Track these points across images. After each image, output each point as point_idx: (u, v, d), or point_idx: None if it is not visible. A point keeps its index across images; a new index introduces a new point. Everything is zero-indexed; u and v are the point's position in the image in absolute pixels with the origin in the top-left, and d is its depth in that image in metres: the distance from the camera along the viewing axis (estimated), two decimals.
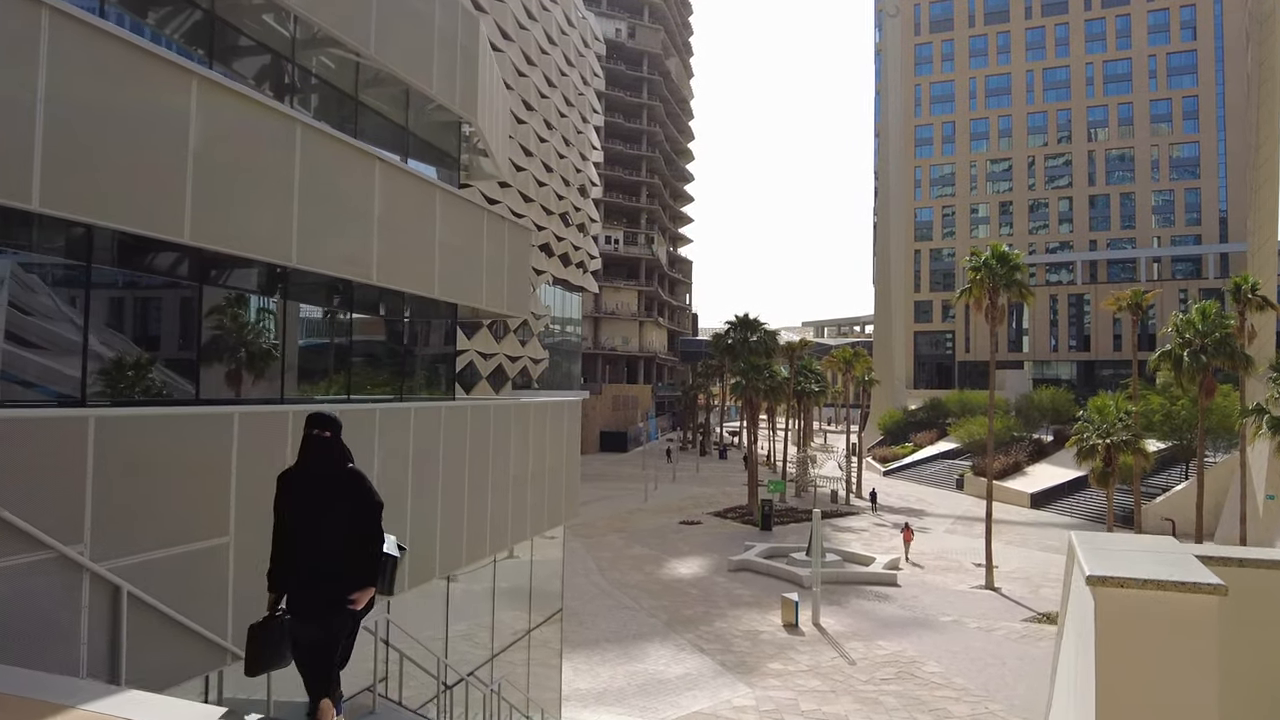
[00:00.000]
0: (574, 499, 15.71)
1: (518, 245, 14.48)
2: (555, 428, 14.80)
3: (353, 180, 10.02)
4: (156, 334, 8.86)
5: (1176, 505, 46.96)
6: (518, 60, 69.01)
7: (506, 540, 12.96)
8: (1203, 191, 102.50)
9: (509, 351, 68.06)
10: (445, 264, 11.98)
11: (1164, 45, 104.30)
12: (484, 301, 13.18)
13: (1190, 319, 30.62)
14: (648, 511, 51.53)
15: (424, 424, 10.64)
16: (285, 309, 10.45)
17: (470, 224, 12.93)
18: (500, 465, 12.69)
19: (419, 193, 11.50)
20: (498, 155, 16.28)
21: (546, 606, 16.48)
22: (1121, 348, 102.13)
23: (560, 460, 14.95)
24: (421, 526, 10.55)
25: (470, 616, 13.77)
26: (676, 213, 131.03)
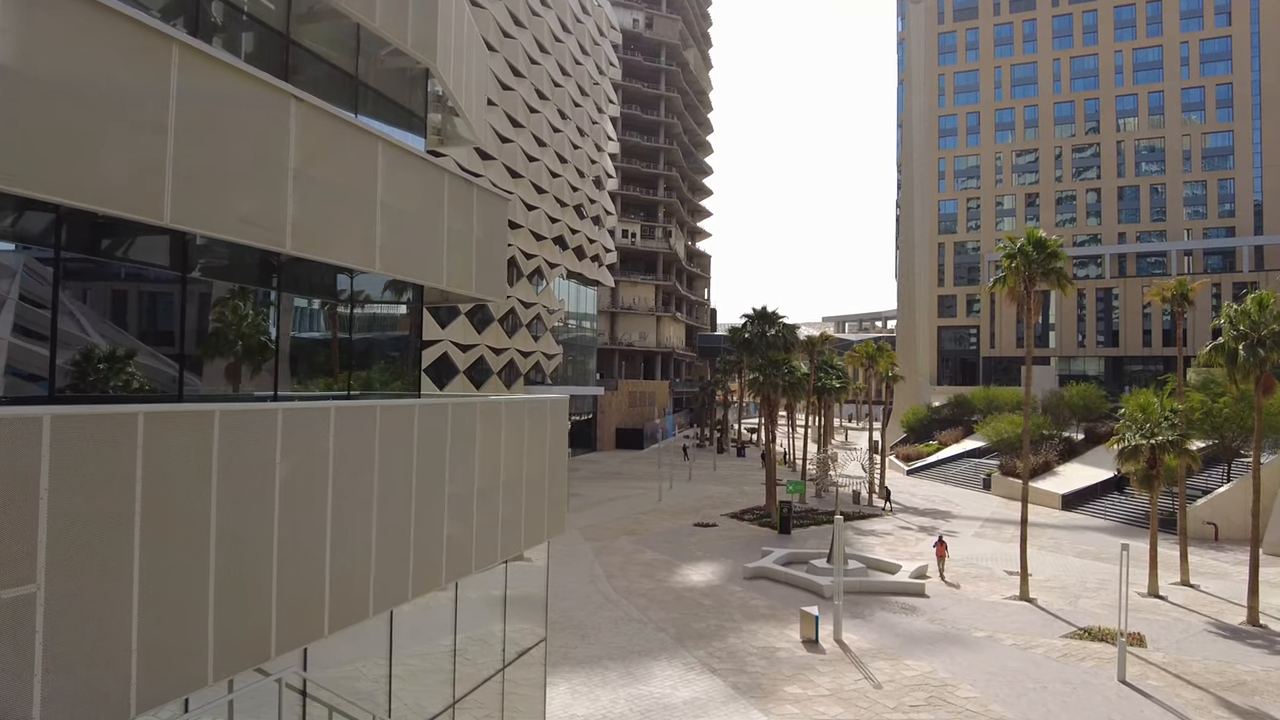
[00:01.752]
0: (559, 512, 13.65)
1: (490, 217, 12.47)
2: (536, 430, 12.78)
3: (256, 121, 8.03)
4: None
5: (1219, 508, 44.40)
6: (530, 48, 67.11)
7: (470, 564, 10.94)
8: (1237, 182, 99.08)
9: (521, 346, 66.29)
10: (390, 232, 9.99)
11: (1197, 31, 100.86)
12: (445, 281, 11.18)
13: (1246, 309, 28.20)
14: (661, 512, 49.50)
15: (351, 426, 8.63)
16: (184, 285, 8.52)
17: (426, 187, 10.92)
18: (462, 474, 10.69)
19: (353, 143, 9.49)
20: (473, 116, 14.26)
21: (525, 635, 14.43)
22: (1151, 344, 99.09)
23: (541, 467, 12.93)
24: (348, 553, 8.55)
25: (425, 651, 11.81)
26: (695, 206, 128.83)
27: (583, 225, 78.97)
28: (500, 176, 60.81)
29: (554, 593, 30.46)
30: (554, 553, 37.06)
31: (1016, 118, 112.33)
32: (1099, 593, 32.40)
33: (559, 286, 76.24)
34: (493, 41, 60.33)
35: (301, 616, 8.04)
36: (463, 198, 11.66)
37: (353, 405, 8.94)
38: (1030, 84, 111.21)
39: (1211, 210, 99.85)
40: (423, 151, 10.43)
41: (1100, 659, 24.06)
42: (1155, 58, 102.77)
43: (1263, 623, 28.35)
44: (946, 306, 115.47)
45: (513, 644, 13.74)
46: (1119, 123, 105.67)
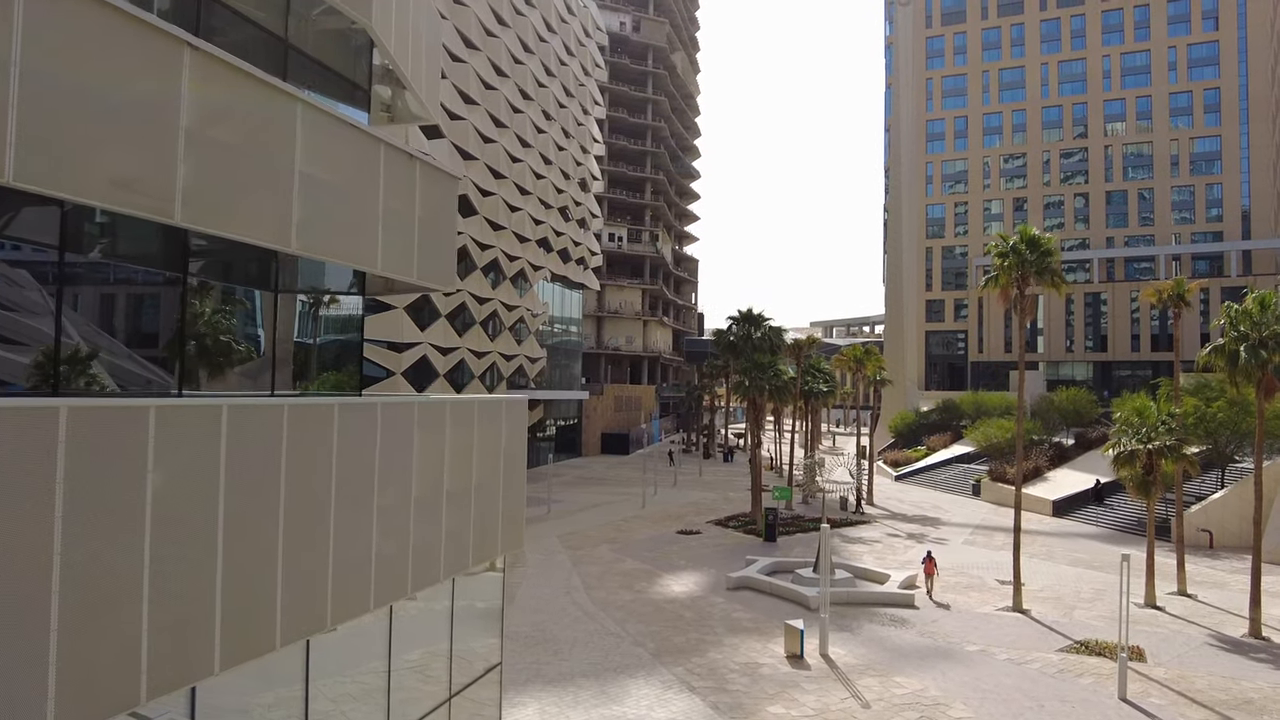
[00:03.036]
0: (516, 525, 12.41)
1: (436, 196, 11.24)
2: (488, 433, 11.55)
3: (135, 65, 6.80)
4: None
5: (1213, 515, 43.47)
6: (513, 47, 65.94)
7: (405, 585, 9.68)
8: (1225, 187, 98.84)
9: (503, 350, 64.96)
10: (312, 207, 8.75)
11: (1184, 36, 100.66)
12: (380, 264, 9.94)
13: (1246, 309, 27.20)
14: (644, 519, 48.25)
15: (249, 428, 7.38)
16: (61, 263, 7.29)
17: (358, 158, 9.69)
18: (396, 483, 9.44)
19: (264, 102, 8.24)
20: (424, 89, 13.03)
21: (477, 660, 13.17)
22: (1140, 348, 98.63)
23: (494, 475, 11.69)
24: (243, 578, 7.30)
25: (353, 676, 10.55)
26: (682, 210, 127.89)
27: (568, 228, 77.78)
28: (483, 177, 59.59)
29: (528, 605, 29.25)
30: (531, 562, 35.90)
31: (1004, 122, 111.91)
32: (1094, 603, 31.33)
33: (543, 289, 74.99)
34: (475, 40, 59.18)
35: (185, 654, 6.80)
36: (403, 173, 10.43)
37: (250, 403, 7.69)
38: (1018, 88, 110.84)
39: (1199, 215, 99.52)
40: (339, 111, 9.18)
41: (1099, 675, 22.94)
42: (1143, 62, 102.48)
43: (1265, 635, 27.30)
44: (934, 311, 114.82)
45: (463, 669, 12.47)
46: (1107, 127, 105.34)
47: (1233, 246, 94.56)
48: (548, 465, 61.79)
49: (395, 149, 10.25)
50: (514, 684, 21.37)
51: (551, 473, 59.37)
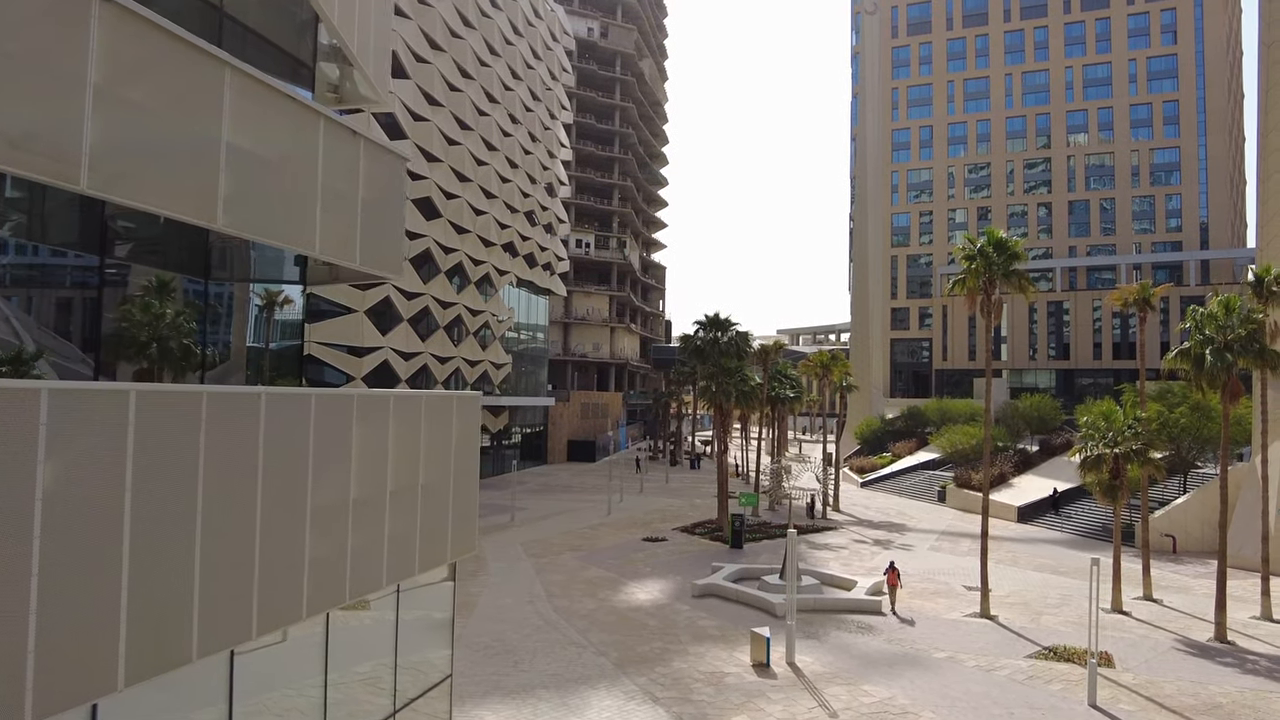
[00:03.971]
0: (468, 528, 11.75)
1: (382, 176, 10.57)
2: (436, 431, 10.88)
3: (33, 12, 6.11)
4: None
5: (1176, 520, 43.65)
6: (479, 50, 65.21)
7: (343, 591, 8.99)
8: (1184, 197, 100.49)
9: (468, 355, 63.97)
10: (241, 181, 8.07)
11: (1144, 49, 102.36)
12: (318, 247, 9.25)
13: (1212, 312, 27.21)
14: (610, 526, 47.56)
15: (161, 419, 6.68)
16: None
17: (295, 131, 9.02)
18: (333, 483, 8.76)
19: (187, 64, 7.55)
20: (373, 70, 12.36)
21: (429, 671, 12.46)
22: (1102, 356, 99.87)
23: (444, 475, 11.02)
24: (157, 583, 6.59)
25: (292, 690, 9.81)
26: (650, 217, 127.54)
27: (534, 232, 77.00)
28: (447, 179, 58.73)
29: (489, 614, 28.45)
30: (493, 571, 35.07)
31: (969, 132, 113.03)
32: (1061, 609, 31.15)
33: (509, 294, 74.11)
34: (440, 41, 58.40)
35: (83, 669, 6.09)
36: (345, 150, 9.77)
37: (162, 389, 6.99)
38: (983, 98, 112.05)
39: (1159, 225, 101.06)
40: (271, 79, 8.51)
41: (1068, 681, 22.64)
42: (1104, 74, 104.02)
43: (1231, 639, 27.23)
44: (899, 319, 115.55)
45: (411, 682, 11.77)
46: (1069, 138, 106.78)
47: (1191, 256, 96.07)
48: (512, 473, 60.84)
49: (336, 124, 9.59)
50: (471, 696, 20.63)
51: (516, 480, 58.50)
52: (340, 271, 11.12)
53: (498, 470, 70.68)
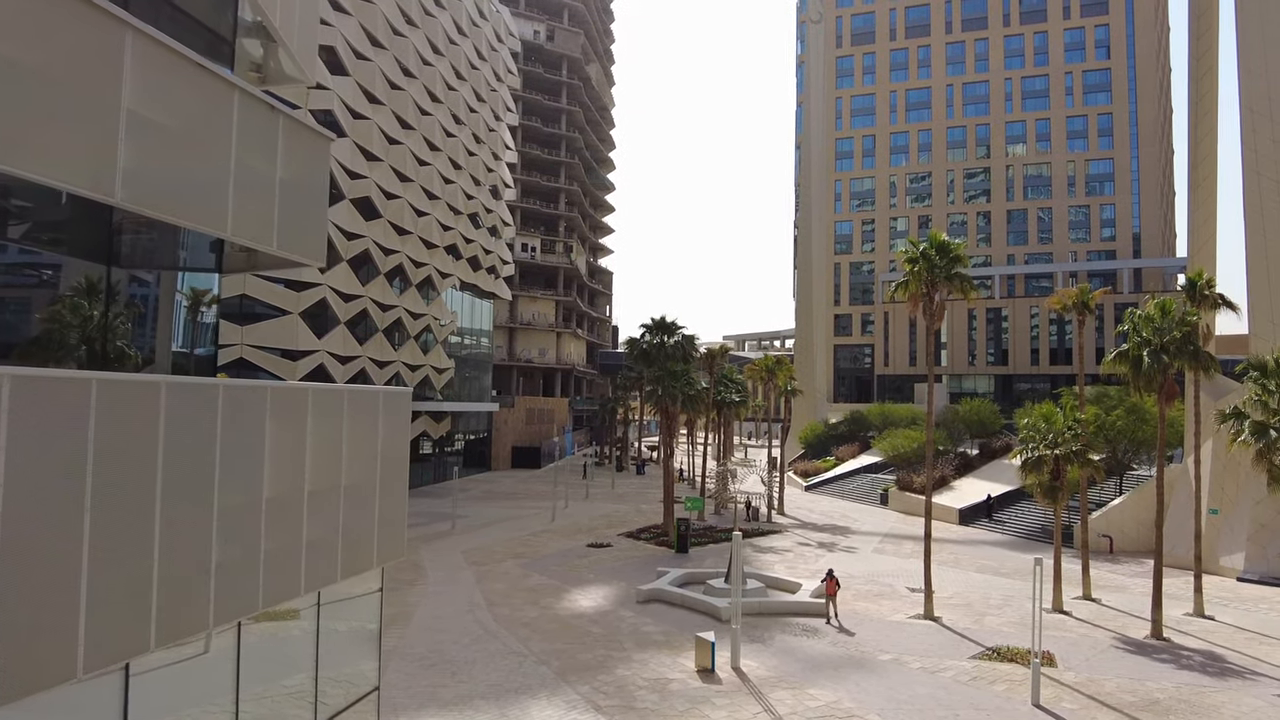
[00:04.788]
0: (396, 532, 11.09)
1: (304, 157, 9.93)
2: (361, 428, 10.24)
3: None
4: None
5: (1113, 521, 44.46)
6: (422, 48, 64.18)
7: (255, 599, 8.32)
8: (1117, 207, 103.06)
9: (408, 359, 62.73)
10: (143, 153, 7.40)
11: (1080, 63, 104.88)
12: (230, 228, 8.58)
13: (1149, 315, 27.65)
14: (554, 533, 46.87)
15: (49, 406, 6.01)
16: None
17: (206, 102, 8.35)
18: (242, 481, 8.10)
19: (79, 21, 6.87)
20: (297, 46, 11.69)
21: (356, 683, 11.77)
22: (1039, 362, 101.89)
23: (370, 475, 10.38)
24: (36, 587, 5.91)
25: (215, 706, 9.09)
26: (597, 222, 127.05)
27: (478, 235, 75.97)
28: (387, 179, 57.58)
29: (426, 624, 27.61)
30: (431, 579, 34.17)
31: (911, 141, 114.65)
32: (1003, 609, 31.36)
33: (452, 298, 72.93)
34: (382, 39, 57.30)
35: None
36: (262, 126, 9.12)
37: (43, 375, 6.29)
38: (924, 108, 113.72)
39: (1094, 234, 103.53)
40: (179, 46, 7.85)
41: (1011, 681, 22.66)
42: (1042, 86, 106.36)
43: (1167, 636, 27.64)
44: (842, 325, 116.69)
45: (335, 695, 11.07)
46: (1008, 148, 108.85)
47: (1125, 264, 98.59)
48: (454, 480, 59.68)
49: (253, 97, 8.94)
50: (406, 709, 19.86)
51: (458, 487, 57.44)
52: (258, 258, 10.43)
53: (439, 477, 69.43)
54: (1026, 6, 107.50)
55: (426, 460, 70.39)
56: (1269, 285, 37.69)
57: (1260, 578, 36.38)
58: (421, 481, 67.16)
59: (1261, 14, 42.07)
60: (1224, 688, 22.74)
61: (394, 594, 30.61)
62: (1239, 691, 22.43)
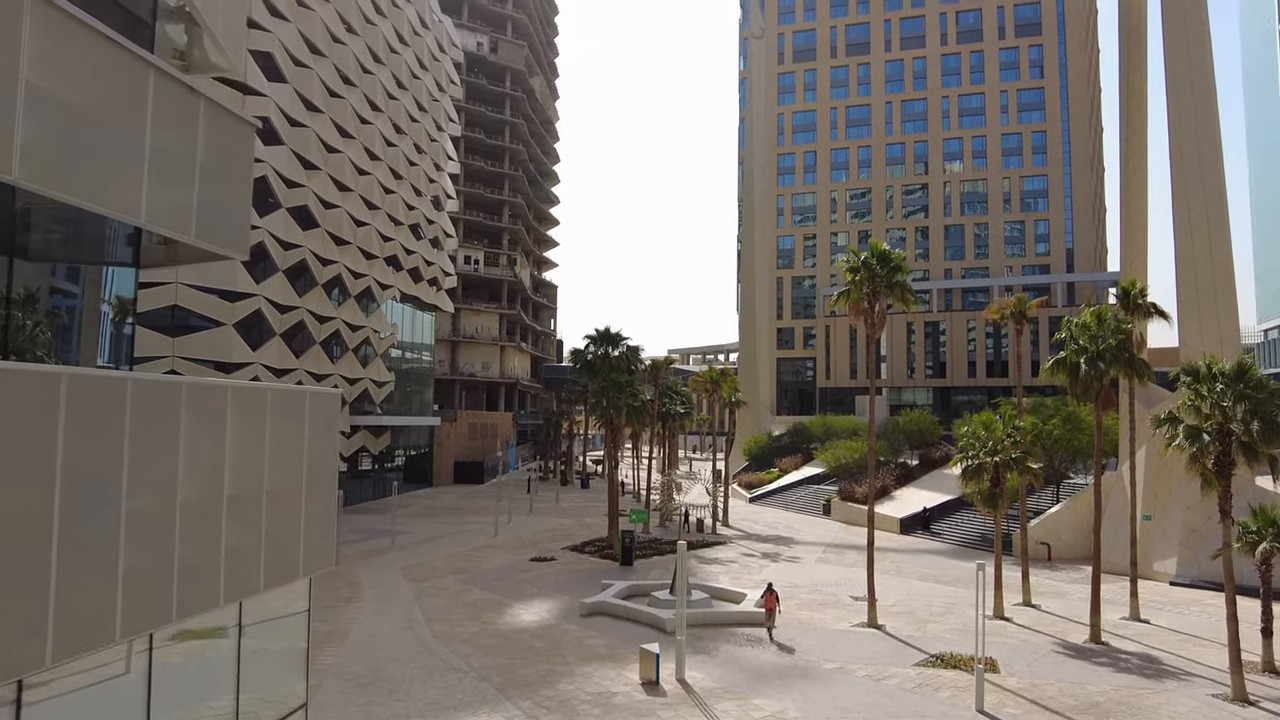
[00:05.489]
0: (325, 541, 10.56)
1: (226, 144, 9.43)
2: (286, 429, 9.72)
3: None
4: None
5: (1051, 529, 45.22)
6: (362, 56, 63.21)
7: (169, 610, 7.77)
8: (1051, 223, 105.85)
9: (346, 373, 61.33)
10: (46, 129, 6.89)
11: (1015, 82, 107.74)
12: (143, 214, 8.07)
13: (1085, 322, 28.21)
14: (496, 548, 46.10)
15: None
16: None
17: (117, 78, 7.84)
18: (153, 482, 7.55)
19: None
20: (224, 34, 11.17)
21: (278, 706, 11.17)
22: (976, 374, 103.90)
23: (295, 479, 9.85)
24: None
25: None
26: (541, 235, 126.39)
27: (419, 246, 74.92)
28: (325, 188, 56.43)
29: (363, 642, 26.76)
30: (368, 596, 33.24)
31: (851, 158, 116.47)
32: (946, 616, 31.56)
33: (392, 310, 71.68)
34: (321, 46, 56.26)
35: None
36: (180, 108, 8.61)
37: None
38: (864, 125, 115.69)
39: (1029, 249, 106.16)
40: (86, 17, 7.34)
41: (956, 688, 22.71)
42: (978, 104, 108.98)
43: (1105, 640, 28.06)
44: (785, 339, 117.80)
45: (259, 714, 10.47)
46: (945, 165, 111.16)
47: (1058, 279, 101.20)
48: (394, 496, 58.33)
49: (171, 77, 8.44)
50: None
51: (398, 503, 56.19)
52: (178, 252, 9.88)
53: (379, 493, 67.99)
54: (963, 26, 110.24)
55: (365, 476, 68.92)
56: (1198, 297, 38.85)
57: (1192, 581, 37.26)
58: (360, 498, 65.70)
59: (1186, 38, 43.51)
60: (1161, 689, 23.10)
61: (329, 611, 29.70)
62: (1175, 693, 22.80)
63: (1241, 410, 20.90)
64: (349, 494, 62.22)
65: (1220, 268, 39.29)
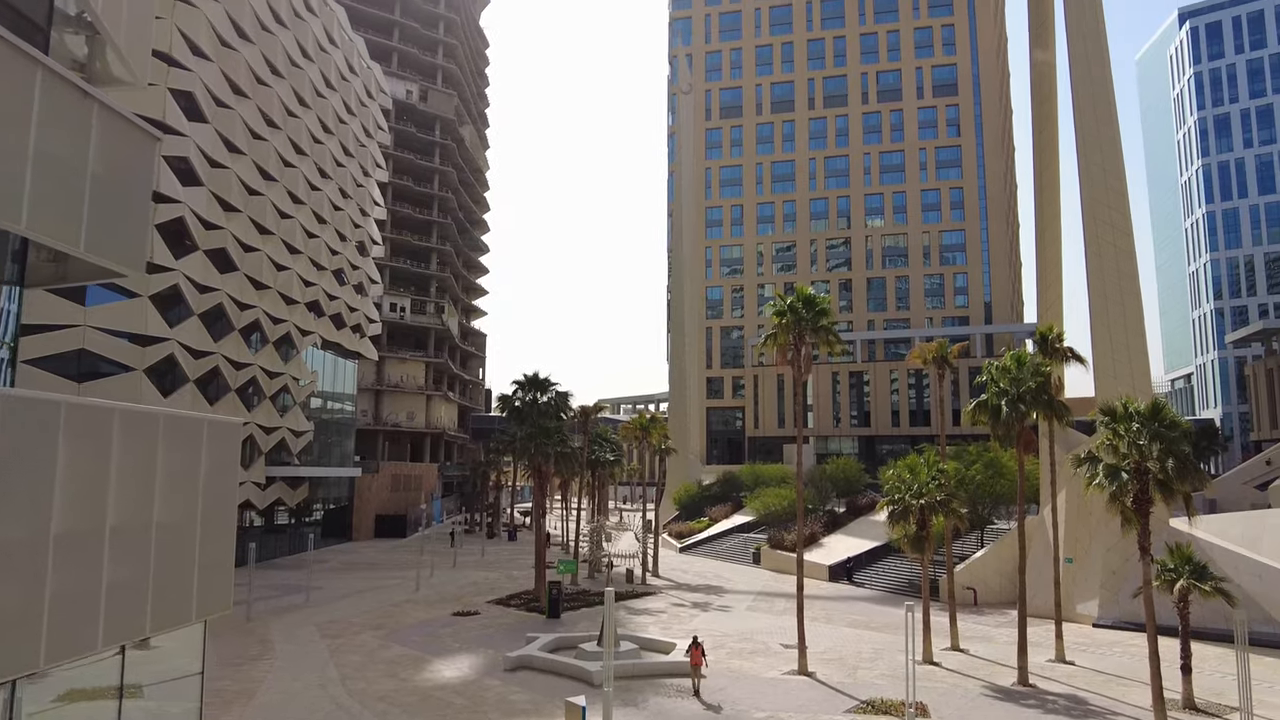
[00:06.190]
0: (220, 580, 9.77)
1: (122, 152, 8.84)
2: (180, 459, 9.00)
3: None
4: None
5: (976, 573, 45.66)
6: (288, 99, 62.35)
7: (36, 654, 6.95)
8: (969, 276, 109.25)
9: (263, 421, 59.17)
10: None
11: (933, 140, 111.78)
12: (24, 222, 7.42)
13: (1005, 365, 28.81)
14: (417, 603, 44.51)
15: None
16: None
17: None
18: (23, 510, 6.82)
19: None
20: (125, 42, 10.59)
21: None
22: (900, 424, 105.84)
23: (188, 514, 9.10)
24: None
25: None
26: (470, 283, 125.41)
27: (343, 292, 73.45)
28: (246, 231, 55.03)
29: (272, 702, 25.26)
30: (280, 653, 31.56)
31: (777, 212, 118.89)
32: (875, 662, 31.37)
33: (313, 357, 69.75)
34: (245, 88, 55.29)
35: None
36: (71, 112, 8.03)
37: None
38: (789, 181, 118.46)
39: (949, 301, 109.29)
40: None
41: None
42: (898, 161, 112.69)
43: (1032, 682, 28.16)
44: (714, 389, 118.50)
45: None
46: (867, 220, 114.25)
47: (977, 330, 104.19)
48: (310, 551, 55.96)
49: (61, 78, 7.87)
50: None
51: (315, 559, 54.07)
52: (68, 269, 9.18)
53: (295, 548, 65.40)
54: (883, 86, 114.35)
55: (281, 530, 66.34)
56: (1111, 344, 40.17)
57: (1114, 622, 37.87)
58: (275, 553, 63.11)
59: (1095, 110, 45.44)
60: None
61: (236, 670, 28.08)
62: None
63: (1157, 449, 21.41)
64: (263, 549, 59.66)
65: (1131, 316, 40.75)
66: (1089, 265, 42.82)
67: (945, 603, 35.88)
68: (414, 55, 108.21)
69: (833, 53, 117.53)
